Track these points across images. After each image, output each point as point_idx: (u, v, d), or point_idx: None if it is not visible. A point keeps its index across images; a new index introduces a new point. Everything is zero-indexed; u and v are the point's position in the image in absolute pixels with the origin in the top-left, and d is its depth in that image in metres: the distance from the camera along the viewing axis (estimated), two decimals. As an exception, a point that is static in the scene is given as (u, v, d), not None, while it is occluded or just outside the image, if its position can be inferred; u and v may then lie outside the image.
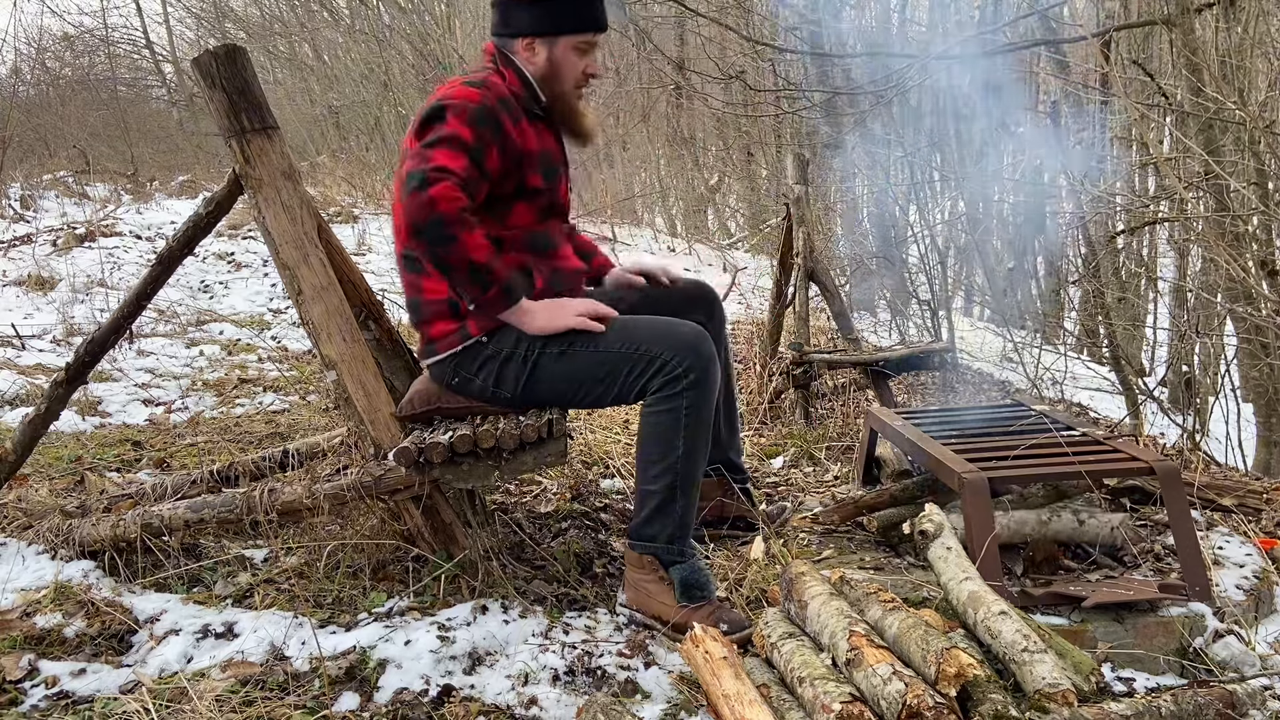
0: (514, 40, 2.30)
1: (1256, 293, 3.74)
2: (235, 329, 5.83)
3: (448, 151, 2.12)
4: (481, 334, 2.25)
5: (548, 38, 2.29)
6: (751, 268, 8.73)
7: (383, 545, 2.36)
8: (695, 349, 2.18)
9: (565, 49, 2.30)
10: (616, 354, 2.21)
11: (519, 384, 2.27)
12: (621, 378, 2.22)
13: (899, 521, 2.49)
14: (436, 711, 1.83)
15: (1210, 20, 4.43)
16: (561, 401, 2.33)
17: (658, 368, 2.18)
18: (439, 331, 2.29)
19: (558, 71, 2.32)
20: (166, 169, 13.02)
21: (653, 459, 2.22)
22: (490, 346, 2.26)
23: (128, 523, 2.39)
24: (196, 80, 2.20)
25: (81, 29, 17.04)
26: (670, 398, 2.18)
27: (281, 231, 2.24)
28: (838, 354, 4.07)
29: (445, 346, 2.28)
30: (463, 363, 2.28)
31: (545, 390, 2.28)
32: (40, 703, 1.88)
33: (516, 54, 2.32)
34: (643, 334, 2.22)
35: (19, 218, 8.36)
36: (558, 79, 2.33)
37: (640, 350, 2.19)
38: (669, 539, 2.22)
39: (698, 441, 2.21)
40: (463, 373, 2.29)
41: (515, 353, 2.25)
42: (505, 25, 2.31)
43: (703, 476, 2.29)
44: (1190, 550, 2.12)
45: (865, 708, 1.56)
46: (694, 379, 2.17)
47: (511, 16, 2.30)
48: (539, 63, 2.31)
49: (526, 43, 2.30)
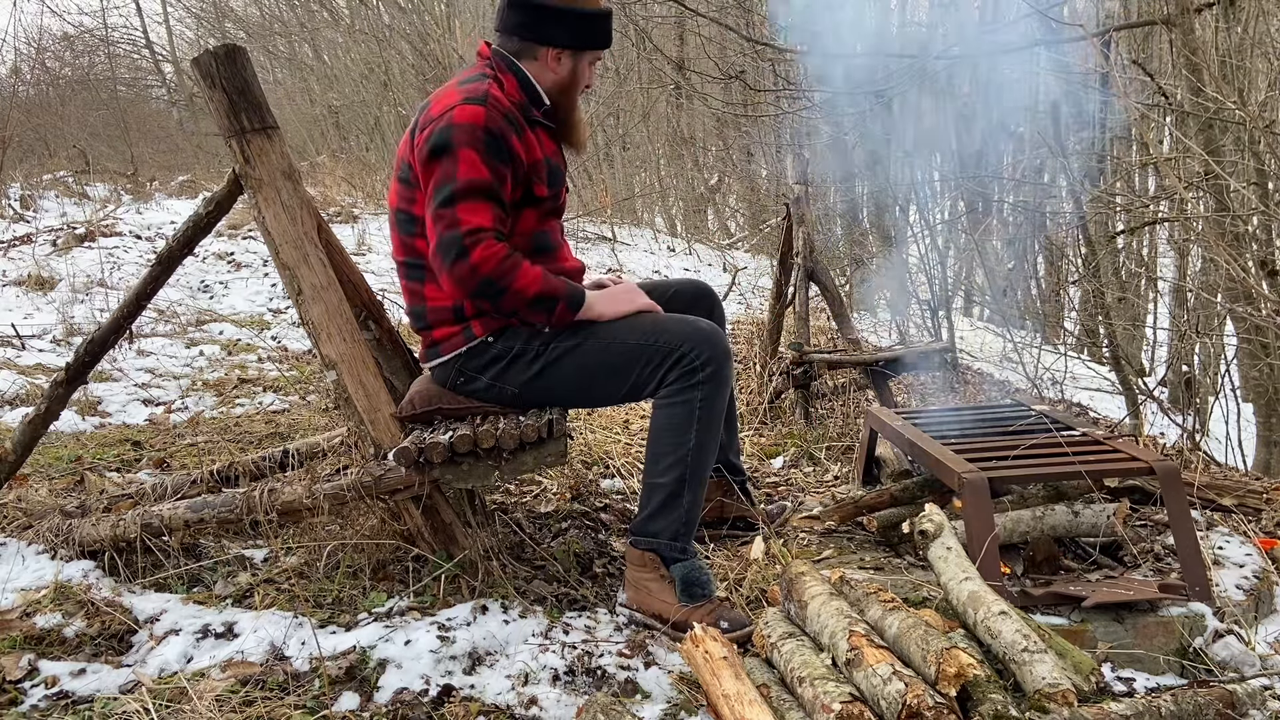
0: (539, 47, 2.29)
1: (1256, 293, 3.74)
2: (235, 329, 5.83)
3: (472, 206, 2.13)
4: (487, 334, 2.26)
5: (575, 52, 2.30)
6: (751, 268, 8.73)
7: (383, 545, 2.36)
8: (713, 342, 2.20)
9: (585, 62, 2.33)
10: (633, 346, 2.22)
11: (528, 381, 2.27)
12: (637, 371, 2.22)
13: (899, 521, 2.49)
14: (436, 711, 1.83)
15: (1210, 20, 4.43)
16: (572, 398, 2.33)
17: (675, 359, 2.19)
18: (443, 334, 2.29)
19: (576, 82, 2.34)
20: (166, 169, 13.02)
21: (664, 451, 2.22)
22: (497, 346, 2.27)
23: (128, 523, 2.39)
24: (196, 80, 2.20)
25: (81, 29, 17.07)
26: (686, 389, 2.19)
27: (281, 231, 2.24)
28: (838, 354, 4.07)
29: (450, 349, 2.29)
30: (468, 364, 2.29)
31: (557, 386, 2.28)
32: (40, 703, 1.88)
33: (535, 60, 2.30)
34: (660, 327, 2.23)
35: (19, 218, 8.36)
36: (575, 89, 2.35)
37: (658, 343, 2.20)
38: (673, 535, 2.22)
39: (709, 436, 2.21)
40: (468, 373, 2.30)
41: (526, 350, 2.26)
42: (532, 32, 2.28)
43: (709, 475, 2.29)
44: (1190, 550, 2.12)
45: (865, 708, 1.56)
46: (711, 371, 2.18)
47: (545, 27, 2.28)
48: (562, 73, 2.31)
49: (555, 54, 2.29)
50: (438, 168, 2.14)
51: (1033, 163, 6.36)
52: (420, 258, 2.27)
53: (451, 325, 2.28)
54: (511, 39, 2.31)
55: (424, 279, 2.28)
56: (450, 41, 11.14)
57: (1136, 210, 5.35)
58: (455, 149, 2.12)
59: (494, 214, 2.15)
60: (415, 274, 2.30)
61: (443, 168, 2.13)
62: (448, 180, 2.13)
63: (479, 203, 2.13)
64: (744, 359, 4.68)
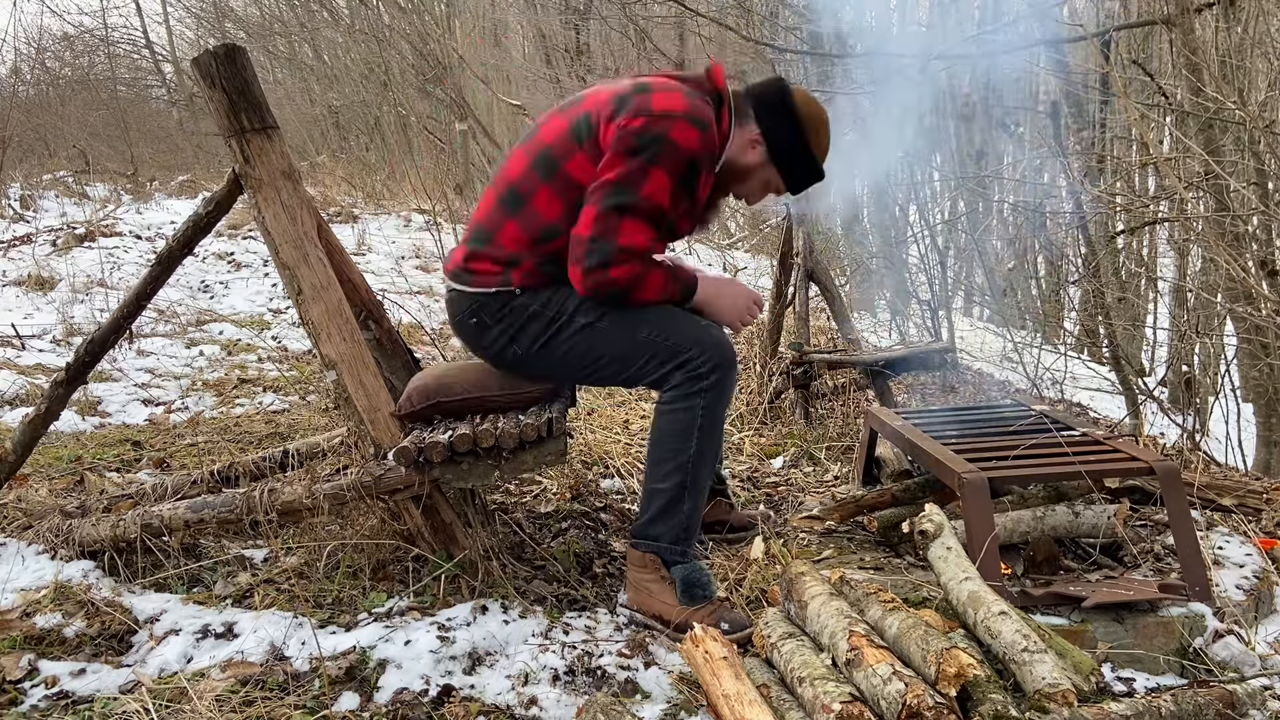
0: (751, 124, 2.28)
1: (1256, 293, 3.74)
2: (235, 329, 5.83)
3: (637, 225, 2.12)
4: (519, 286, 2.24)
5: (771, 161, 2.30)
6: (751, 268, 8.72)
7: (383, 545, 2.36)
8: (721, 350, 2.20)
9: (765, 177, 2.33)
10: (644, 340, 2.21)
11: (535, 343, 2.26)
12: (641, 363, 2.23)
13: (899, 521, 2.49)
14: (436, 711, 1.84)
15: (1210, 20, 4.43)
16: (569, 373, 2.33)
17: (682, 362, 2.19)
18: (482, 267, 2.26)
19: (746, 177, 2.33)
20: (166, 169, 13.01)
21: (665, 457, 2.22)
22: (521, 298, 2.25)
23: (128, 523, 2.39)
24: (196, 80, 2.20)
25: (81, 29, 17.06)
26: (689, 395, 2.19)
27: (281, 231, 2.24)
28: (838, 354, 4.07)
29: (479, 283, 2.26)
30: (487, 306, 2.26)
31: (559, 356, 2.27)
32: (40, 703, 1.88)
33: (741, 130, 2.28)
34: (675, 326, 2.22)
35: (19, 218, 8.36)
36: (739, 182, 2.35)
37: (670, 341, 2.20)
38: (673, 539, 2.23)
39: (710, 443, 2.22)
40: (484, 315, 2.27)
41: (544, 312, 2.24)
42: (766, 114, 2.28)
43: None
44: (1190, 550, 2.12)
45: (865, 708, 1.56)
46: (715, 380, 2.18)
47: (777, 123, 2.27)
48: (747, 158, 2.30)
49: (758, 138, 2.28)
50: (627, 164, 2.10)
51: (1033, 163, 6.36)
52: (527, 200, 2.21)
53: (496, 265, 2.25)
54: (746, 101, 2.29)
55: (513, 214, 2.23)
56: (450, 41, 11.14)
57: (1136, 210, 5.35)
58: (654, 161, 2.10)
59: (652, 237, 2.15)
60: (512, 207, 2.24)
61: (632, 168, 2.10)
62: (630, 186, 2.10)
63: (645, 224, 2.13)
64: (744, 359, 4.68)
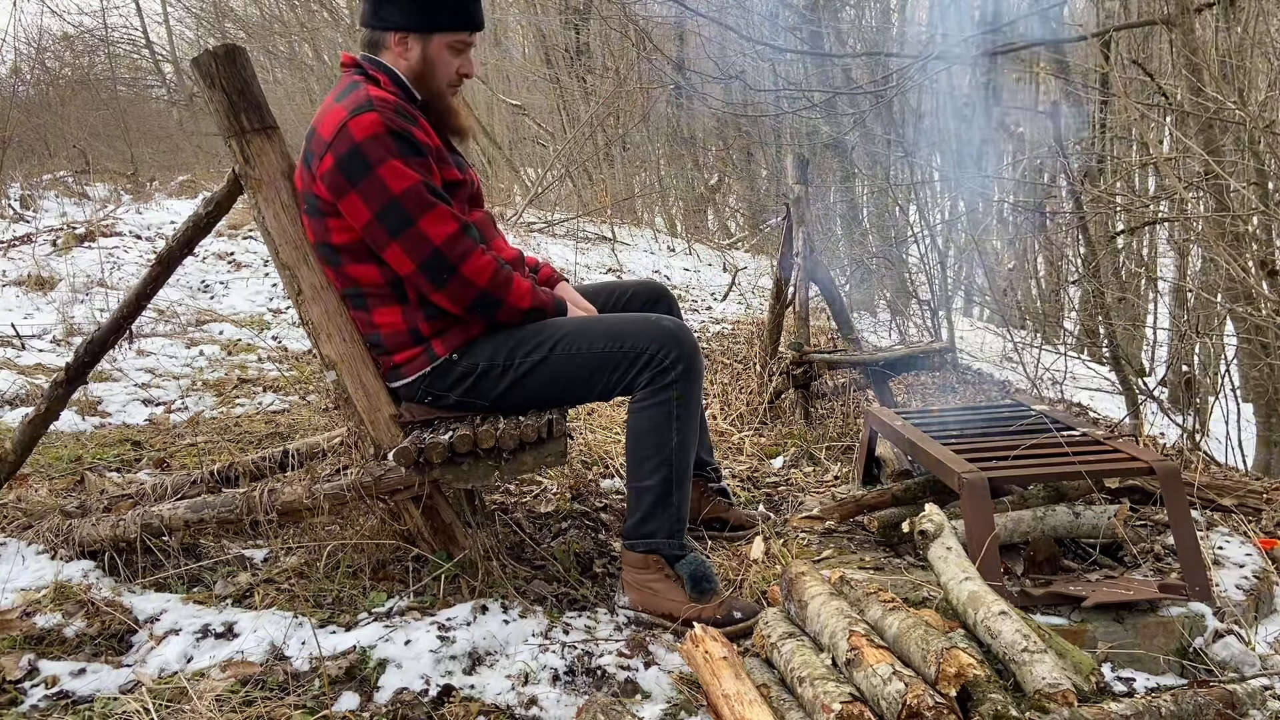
0: (385, 34, 2.20)
1: (1256, 293, 3.74)
2: (235, 329, 5.83)
3: (427, 216, 2.08)
4: (450, 353, 2.23)
5: (421, 34, 2.20)
6: (751, 268, 8.73)
7: (383, 545, 2.36)
8: (679, 339, 2.20)
9: (439, 47, 2.22)
10: (601, 354, 2.21)
11: (499, 395, 2.26)
12: (605, 377, 2.22)
13: (899, 521, 2.49)
14: (436, 711, 1.83)
15: (1210, 20, 4.43)
16: (542, 406, 2.32)
17: (645, 362, 2.19)
18: (404, 358, 2.25)
19: (432, 70, 2.23)
20: (166, 169, 13.01)
21: (647, 454, 2.22)
22: (462, 364, 2.24)
23: (128, 523, 2.39)
24: (196, 80, 2.20)
25: (81, 29, 17.03)
26: (660, 390, 2.19)
27: (281, 231, 2.24)
28: (838, 354, 4.06)
29: (413, 370, 2.26)
30: (434, 382, 2.26)
31: (527, 397, 2.27)
32: (40, 703, 1.88)
33: (388, 49, 2.21)
34: (624, 331, 2.22)
35: (19, 218, 8.36)
36: (432, 77, 2.24)
37: (624, 347, 2.19)
38: (668, 534, 2.23)
39: (689, 432, 2.22)
40: (435, 390, 2.27)
41: (492, 366, 2.23)
42: (375, 17, 2.20)
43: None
44: (1190, 550, 2.12)
45: (865, 708, 1.56)
46: (683, 369, 2.19)
47: (383, 9, 2.18)
48: (412, 60, 2.21)
49: (399, 38, 2.20)
50: (359, 191, 2.06)
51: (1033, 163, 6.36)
52: (356, 286, 2.20)
53: (412, 348, 2.24)
54: (369, 30, 2.23)
55: (368, 306, 2.22)
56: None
57: (1136, 210, 5.35)
58: (371, 166, 2.05)
59: (450, 213, 2.10)
60: (359, 303, 2.23)
61: (367, 190, 2.06)
62: (383, 201, 2.06)
63: (430, 211, 2.08)
64: (744, 359, 4.68)
